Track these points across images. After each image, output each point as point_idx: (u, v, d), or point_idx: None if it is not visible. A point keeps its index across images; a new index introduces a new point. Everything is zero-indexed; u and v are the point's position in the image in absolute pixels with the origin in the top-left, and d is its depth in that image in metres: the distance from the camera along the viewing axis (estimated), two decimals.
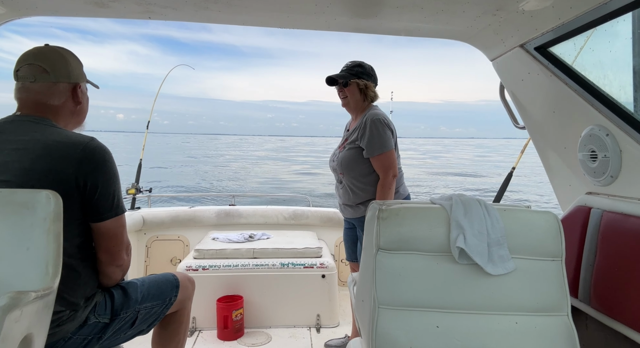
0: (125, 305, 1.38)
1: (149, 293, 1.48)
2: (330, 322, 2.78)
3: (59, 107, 1.32)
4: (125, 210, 1.32)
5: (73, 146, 1.19)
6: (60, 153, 1.17)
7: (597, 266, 1.37)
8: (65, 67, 1.32)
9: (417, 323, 1.14)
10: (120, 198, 1.29)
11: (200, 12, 1.76)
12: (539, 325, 1.16)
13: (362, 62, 2.17)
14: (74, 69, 1.35)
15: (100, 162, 1.22)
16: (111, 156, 1.26)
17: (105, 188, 1.22)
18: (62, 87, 1.32)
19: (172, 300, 1.55)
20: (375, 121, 2.02)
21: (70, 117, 1.37)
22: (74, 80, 1.35)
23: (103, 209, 1.23)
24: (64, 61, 1.33)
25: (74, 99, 1.36)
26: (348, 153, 2.11)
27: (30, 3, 1.73)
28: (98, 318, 1.30)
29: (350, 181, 2.13)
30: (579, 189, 1.63)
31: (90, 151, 1.20)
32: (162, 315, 1.53)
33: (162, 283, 1.55)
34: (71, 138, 1.21)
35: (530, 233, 1.20)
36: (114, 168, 1.26)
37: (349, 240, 2.32)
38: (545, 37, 1.56)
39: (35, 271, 1.01)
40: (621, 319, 1.26)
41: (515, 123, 2.04)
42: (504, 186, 3.06)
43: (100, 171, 1.21)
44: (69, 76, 1.33)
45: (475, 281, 1.17)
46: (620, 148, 1.38)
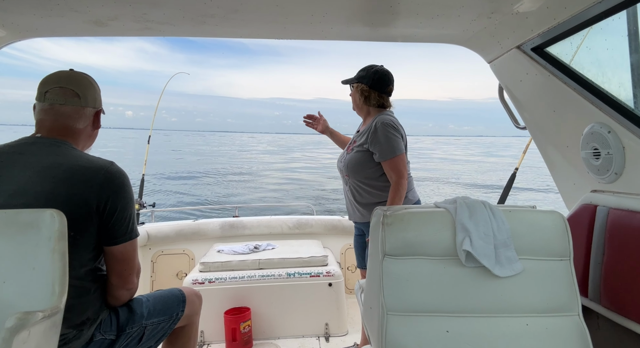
0: (131, 321, 1.38)
1: (155, 308, 1.47)
2: (338, 330, 2.76)
3: (81, 130, 1.35)
4: (138, 234, 1.34)
5: (95, 171, 1.21)
6: (82, 177, 1.19)
7: (606, 264, 1.36)
8: (93, 93, 1.38)
9: (427, 329, 1.13)
10: (134, 222, 1.31)
11: (198, 27, 1.78)
12: (550, 326, 1.15)
13: (372, 66, 2.17)
14: (98, 95, 1.41)
15: (120, 186, 1.24)
16: (129, 181, 1.29)
17: (122, 212, 1.25)
18: (89, 112, 1.37)
19: (179, 315, 1.55)
20: (385, 125, 2.03)
21: (86, 140, 1.41)
22: (99, 106, 1.41)
23: (118, 233, 1.25)
24: (93, 87, 1.38)
25: (94, 124, 1.41)
26: (355, 156, 2.12)
27: (29, 25, 1.76)
28: (104, 335, 1.30)
29: (356, 184, 2.14)
30: (583, 188, 1.62)
31: (111, 175, 1.23)
32: (169, 331, 1.53)
33: (168, 298, 1.55)
34: (92, 162, 1.24)
35: (536, 234, 1.19)
36: (131, 192, 1.29)
37: (359, 247, 2.31)
38: (541, 37, 1.56)
39: (41, 290, 1.01)
40: (633, 317, 1.25)
41: (516, 124, 2.04)
42: (508, 187, 3.05)
43: (119, 195, 1.24)
44: (95, 101, 1.39)
45: (483, 284, 1.16)
46: (623, 145, 1.37)
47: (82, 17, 1.67)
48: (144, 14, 1.63)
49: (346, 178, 2.19)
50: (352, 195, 2.18)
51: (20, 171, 1.17)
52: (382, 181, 2.09)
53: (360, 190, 2.14)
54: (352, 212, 2.23)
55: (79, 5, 1.56)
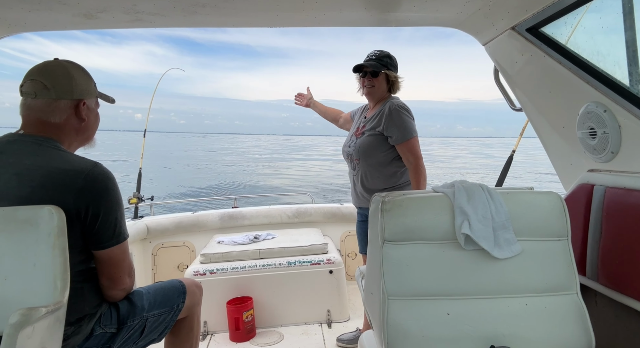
0: (132, 314, 1.37)
1: (155, 300, 1.47)
2: (341, 316, 2.79)
3: (62, 125, 1.27)
4: (127, 236, 1.29)
5: (74, 174, 1.15)
6: (61, 181, 1.13)
7: (603, 243, 1.37)
8: (68, 83, 1.27)
9: (428, 312, 1.15)
10: (121, 225, 1.26)
11: (189, 17, 1.75)
12: (549, 304, 1.16)
13: (389, 53, 2.17)
14: (78, 85, 1.29)
15: (102, 190, 1.18)
16: (114, 183, 1.22)
17: (106, 216, 1.19)
18: (64, 104, 1.26)
19: (180, 307, 1.54)
20: (399, 108, 2.05)
21: (75, 135, 1.32)
22: (77, 96, 1.29)
23: (104, 238, 1.21)
24: (68, 77, 1.27)
25: (78, 116, 1.30)
26: (367, 139, 2.11)
27: (18, 20, 1.73)
28: (104, 328, 1.29)
29: (367, 169, 2.13)
30: (580, 168, 1.62)
31: (92, 179, 1.16)
32: (172, 323, 1.53)
33: (168, 290, 1.54)
34: (73, 164, 1.17)
35: (534, 215, 1.20)
36: (116, 195, 1.23)
37: (362, 233, 2.32)
38: (535, 17, 1.55)
39: (43, 286, 1.02)
40: (630, 293, 1.27)
41: (512, 106, 2.04)
42: (505, 170, 3.06)
43: (101, 199, 1.18)
44: (72, 92, 1.28)
45: (482, 266, 1.17)
46: (619, 123, 1.37)
47: (71, 11, 1.64)
48: (134, 5, 1.61)
49: (356, 162, 2.17)
50: (360, 180, 2.17)
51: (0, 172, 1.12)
52: (393, 167, 2.10)
53: (369, 175, 2.13)
54: (359, 197, 2.22)
55: None
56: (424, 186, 2.03)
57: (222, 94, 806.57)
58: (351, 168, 2.24)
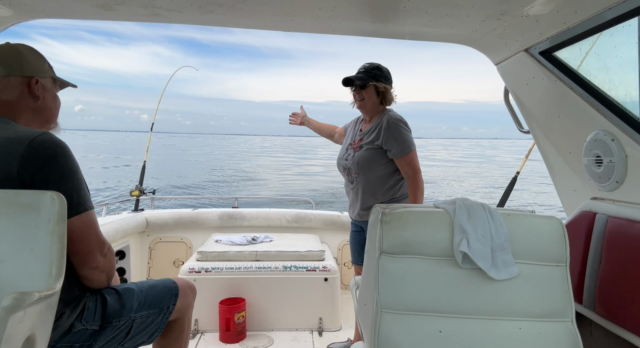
0: (119, 313, 1.30)
1: (146, 300, 1.40)
2: (332, 325, 2.77)
3: (14, 103, 1.24)
4: (90, 208, 1.20)
5: (18, 142, 1.08)
6: (4, 149, 1.08)
7: (602, 272, 1.36)
8: (17, 61, 1.25)
9: (420, 328, 1.14)
10: (81, 195, 1.16)
11: (205, 16, 1.77)
12: (543, 330, 1.15)
13: (380, 64, 2.17)
14: (29, 63, 1.27)
15: (49, 158, 1.10)
16: (65, 150, 1.14)
17: (57, 185, 1.09)
18: (14, 81, 1.23)
19: (171, 309, 1.48)
20: (397, 121, 2.06)
21: (32, 114, 1.28)
22: (29, 73, 1.26)
23: None
24: (18, 55, 1.26)
25: (31, 94, 1.26)
26: (366, 153, 2.10)
27: (37, 6, 1.75)
28: (85, 325, 1.22)
29: (365, 182, 2.12)
30: (584, 195, 1.62)
31: (37, 145, 1.09)
32: (162, 325, 1.47)
33: (160, 290, 1.48)
34: (19, 132, 1.12)
35: (534, 238, 1.20)
36: (68, 162, 1.14)
37: (356, 243, 2.31)
38: (550, 41, 1.55)
39: (39, 272, 1.02)
40: (626, 326, 1.25)
41: (520, 128, 2.03)
42: (508, 191, 3.05)
43: (49, 166, 1.09)
44: (22, 69, 1.25)
45: (478, 286, 1.17)
46: (626, 153, 1.37)
47: (90, 0, 1.66)
48: (152, 0, 1.62)
49: (354, 175, 2.16)
50: (358, 193, 2.16)
51: None
52: (391, 180, 2.10)
53: (369, 188, 2.12)
54: (356, 211, 2.21)
55: None
56: (421, 200, 2.03)
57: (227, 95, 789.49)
58: (348, 181, 2.22)
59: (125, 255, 2.98)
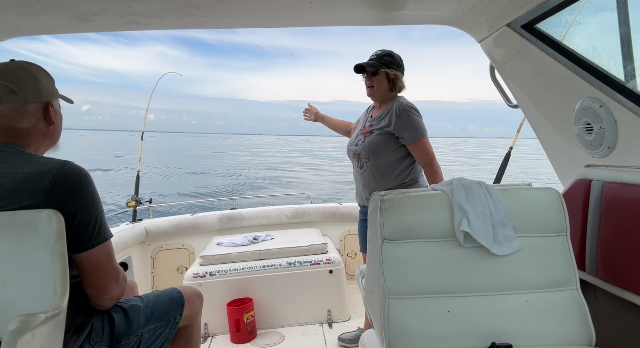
0: (127, 332, 1.29)
1: (152, 314, 1.39)
2: (341, 316, 2.79)
3: (30, 130, 1.19)
4: (110, 236, 1.19)
5: (42, 176, 1.07)
6: (28, 186, 1.05)
7: (602, 238, 1.38)
8: (35, 86, 1.19)
9: (428, 310, 1.15)
10: (103, 224, 1.16)
11: (185, 19, 1.75)
12: (549, 300, 1.17)
13: (392, 51, 2.17)
14: (44, 87, 1.22)
15: (76, 187, 1.10)
16: (88, 179, 1.13)
17: (84, 215, 1.11)
18: (32, 108, 1.19)
19: (178, 319, 1.47)
20: (408, 108, 2.06)
21: (42, 139, 1.24)
22: (45, 99, 1.22)
23: (83, 239, 1.11)
24: (33, 79, 1.20)
25: (46, 120, 1.23)
26: (377, 138, 2.10)
27: (12, 24, 1.72)
28: (94, 345, 1.20)
29: (375, 168, 2.12)
30: (577, 163, 1.63)
31: (62, 178, 1.08)
32: (170, 336, 1.45)
33: (165, 302, 1.46)
34: (40, 166, 1.09)
35: (533, 211, 1.21)
36: (92, 191, 1.14)
37: (364, 231, 2.31)
38: (530, 14, 1.55)
39: (43, 291, 1.01)
40: (629, 288, 1.27)
41: (508, 102, 2.04)
42: (503, 167, 3.06)
43: (74, 200, 1.09)
44: (40, 94, 1.20)
45: (482, 263, 1.18)
46: (615, 118, 1.38)
47: (65, 14, 1.64)
48: (129, 8, 1.60)
49: (364, 161, 2.16)
50: (368, 179, 2.16)
51: None
52: (401, 166, 2.10)
53: (378, 174, 2.12)
54: (364, 196, 2.20)
55: (61, 1, 1.53)
56: (438, 174, 2.04)
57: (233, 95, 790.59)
58: (357, 167, 2.22)
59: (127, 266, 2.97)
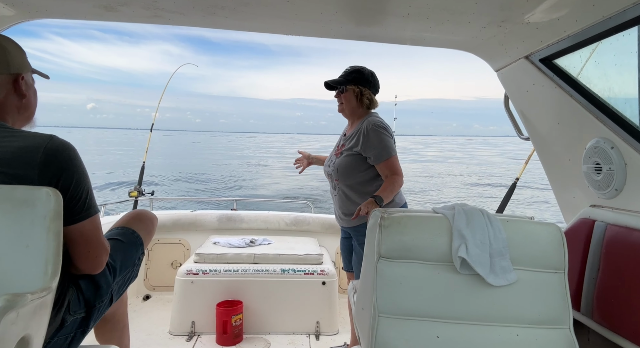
0: (99, 294, 1.29)
1: (119, 267, 1.39)
2: (329, 329, 2.76)
3: (1, 103, 1.16)
4: (98, 211, 1.20)
5: (32, 150, 1.06)
6: (19, 159, 1.05)
7: (600, 280, 1.36)
8: (3, 56, 1.16)
9: (417, 333, 1.13)
10: (92, 196, 1.17)
11: (208, 18, 1.78)
12: (540, 337, 1.15)
13: (363, 68, 2.14)
14: (14, 58, 1.18)
15: (66, 161, 1.10)
16: (76, 153, 1.14)
17: (76, 188, 1.11)
18: (1, 79, 1.16)
19: (141, 258, 1.48)
20: (376, 127, 2.01)
21: (16, 113, 1.22)
22: (15, 70, 1.18)
23: (75, 210, 1.12)
24: (2, 50, 1.16)
25: (17, 92, 1.20)
26: (345, 160, 2.09)
27: (39, 5, 1.75)
28: (74, 315, 1.23)
29: (345, 188, 2.11)
30: (583, 202, 1.62)
31: (53, 150, 1.08)
32: (136, 274, 1.49)
33: (127, 250, 1.45)
34: (28, 139, 1.08)
35: (533, 245, 1.19)
36: (81, 165, 1.14)
37: (345, 250, 2.30)
38: (550, 49, 1.56)
39: (34, 269, 1.01)
40: (623, 333, 1.25)
41: (520, 134, 2.04)
42: (508, 197, 3.05)
43: (68, 171, 1.10)
44: (8, 66, 1.17)
45: (476, 291, 1.16)
46: (625, 161, 1.37)
47: (92, 1, 1.67)
48: (155, 2, 1.63)
49: (335, 182, 2.15)
50: (340, 201, 2.15)
51: None
52: (372, 186, 2.06)
53: (349, 195, 2.11)
54: (340, 217, 2.20)
55: None
56: (389, 194, 1.94)
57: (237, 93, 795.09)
58: (332, 187, 2.22)
59: None
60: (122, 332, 1.64)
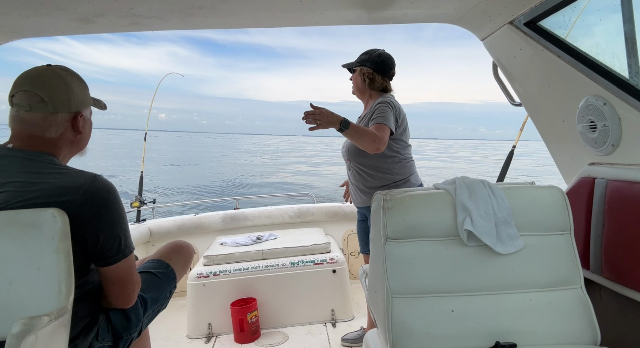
0: (127, 328, 1.30)
1: (150, 301, 1.40)
2: (345, 315, 2.79)
3: (57, 139, 1.18)
4: (133, 250, 1.22)
5: (73, 191, 1.07)
6: (59, 199, 1.05)
7: (606, 236, 1.37)
8: (66, 95, 1.18)
9: (432, 309, 1.14)
10: (127, 237, 1.19)
11: (187, 20, 1.76)
12: (553, 299, 1.16)
13: (375, 50, 2.17)
14: (76, 96, 1.21)
15: (104, 204, 1.11)
16: (115, 195, 1.14)
17: (110, 231, 1.13)
18: (61, 118, 1.18)
19: (172, 292, 1.50)
20: (384, 102, 2.03)
21: (69, 147, 1.24)
22: (75, 109, 1.21)
23: (110, 253, 1.14)
24: (66, 88, 1.18)
25: (74, 129, 1.22)
26: None
27: (15, 26, 1.73)
28: (102, 342, 1.23)
29: (357, 168, 2.15)
30: (581, 161, 1.62)
31: (92, 193, 1.09)
32: (165, 306, 1.50)
33: (160, 284, 1.47)
34: (70, 180, 1.09)
35: (536, 209, 1.20)
36: (119, 207, 1.16)
37: (362, 232, 2.31)
38: (533, 11, 1.54)
39: (48, 291, 1.01)
40: (634, 286, 1.26)
41: (511, 101, 2.03)
42: (506, 165, 3.05)
43: (101, 216, 1.10)
44: (70, 104, 1.19)
45: (485, 262, 1.17)
46: (619, 116, 1.37)
47: (68, 16, 1.64)
48: (131, 9, 1.61)
49: (348, 162, 2.19)
50: (355, 179, 2.19)
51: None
52: (383, 164, 2.08)
53: (363, 174, 2.13)
54: (356, 197, 2.23)
55: (64, 3, 1.53)
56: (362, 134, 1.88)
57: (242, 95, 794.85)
58: (347, 168, 2.25)
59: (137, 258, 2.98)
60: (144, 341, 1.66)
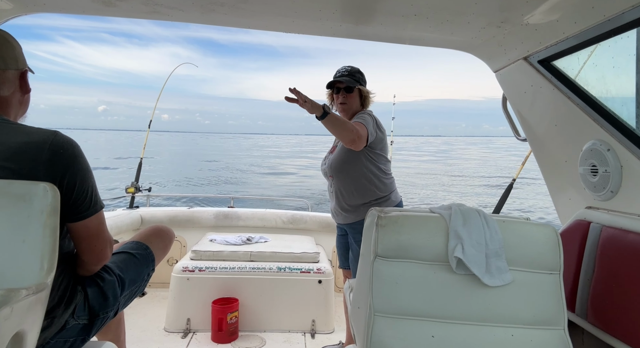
0: (104, 305, 1.30)
1: (126, 282, 1.40)
2: (325, 327, 2.77)
3: (9, 98, 1.16)
4: (104, 206, 1.21)
5: (37, 146, 1.05)
6: (25, 155, 1.04)
7: (595, 281, 1.37)
8: (12, 52, 1.15)
9: (413, 332, 1.14)
10: (97, 193, 1.18)
11: (206, 15, 1.77)
12: (535, 338, 1.15)
13: (359, 69, 2.20)
14: (20, 54, 1.18)
15: (72, 158, 1.10)
16: (80, 150, 1.14)
17: (82, 185, 1.12)
18: (11, 75, 1.16)
19: (150, 274, 1.49)
20: (364, 112, 2.10)
21: (18, 108, 1.22)
22: (22, 66, 1.19)
23: (82, 207, 1.13)
24: (10, 45, 1.15)
25: (22, 88, 1.21)
26: (338, 155, 2.11)
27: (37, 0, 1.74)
28: (77, 320, 1.23)
29: (339, 184, 2.13)
30: (578, 203, 1.62)
31: (58, 147, 1.07)
32: (143, 288, 1.49)
33: (138, 265, 1.47)
34: (33, 135, 1.07)
35: (528, 246, 1.20)
36: (86, 161, 1.15)
37: (342, 247, 2.31)
38: (549, 50, 1.56)
39: (30, 265, 1.00)
40: (617, 335, 1.26)
41: (517, 135, 2.04)
42: (504, 197, 3.06)
43: (74, 168, 1.10)
44: (17, 61, 1.16)
45: (472, 291, 1.17)
46: (621, 164, 1.38)
47: None
48: None
49: (330, 179, 2.17)
50: (336, 197, 2.17)
51: None
52: (365, 181, 2.08)
53: (344, 191, 2.12)
54: (336, 214, 2.21)
55: None
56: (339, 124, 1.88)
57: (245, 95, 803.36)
58: (328, 185, 2.24)
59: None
60: (117, 328, 1.65)
